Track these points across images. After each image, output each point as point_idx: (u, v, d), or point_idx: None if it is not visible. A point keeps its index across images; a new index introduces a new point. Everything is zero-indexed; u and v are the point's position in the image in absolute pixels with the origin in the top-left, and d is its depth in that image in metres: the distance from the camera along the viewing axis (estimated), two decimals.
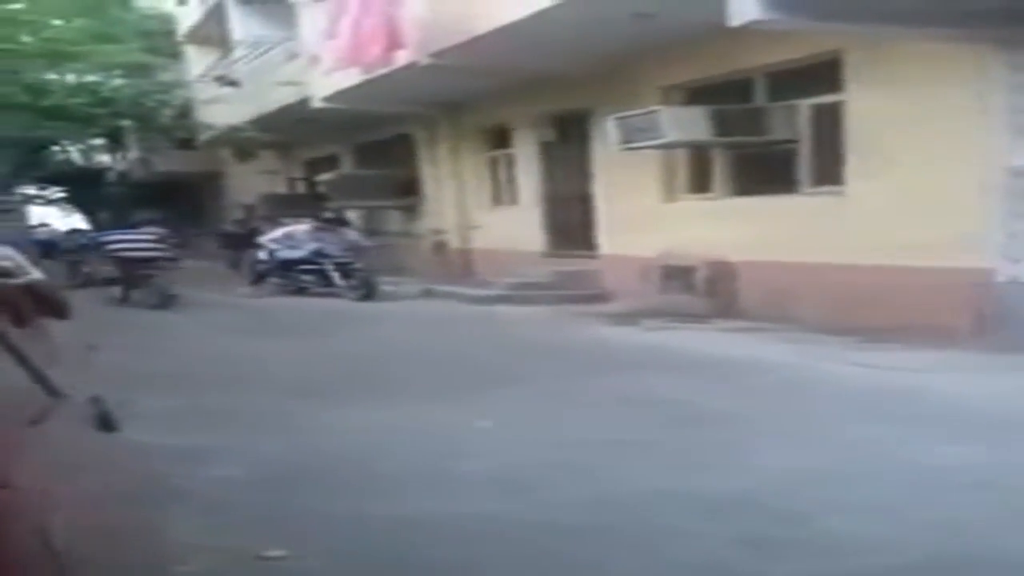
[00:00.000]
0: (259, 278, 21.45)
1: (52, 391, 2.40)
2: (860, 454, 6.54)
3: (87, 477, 2.25)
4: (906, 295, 11.75)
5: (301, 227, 21.62)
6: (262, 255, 21.79)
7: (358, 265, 19.80)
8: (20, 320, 3.19)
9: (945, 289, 11.34)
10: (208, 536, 5.04)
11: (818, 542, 4.88)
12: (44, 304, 3.71)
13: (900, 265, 11.96)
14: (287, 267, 20.87)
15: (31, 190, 46.26)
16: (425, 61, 16.69)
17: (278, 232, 22.03)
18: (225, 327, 15.28)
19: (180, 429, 7.55)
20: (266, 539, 4.91)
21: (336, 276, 19.90)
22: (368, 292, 19.16)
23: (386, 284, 19.77)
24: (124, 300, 19.34)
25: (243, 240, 26.04)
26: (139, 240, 19.68)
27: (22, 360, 2.40)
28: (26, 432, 1.91)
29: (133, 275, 19.25)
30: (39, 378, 2.40)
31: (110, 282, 19.91)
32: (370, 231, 24.25)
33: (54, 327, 3.89)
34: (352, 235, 21.33)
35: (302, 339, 13.74)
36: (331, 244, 20.40)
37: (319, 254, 20.33)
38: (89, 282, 21.28)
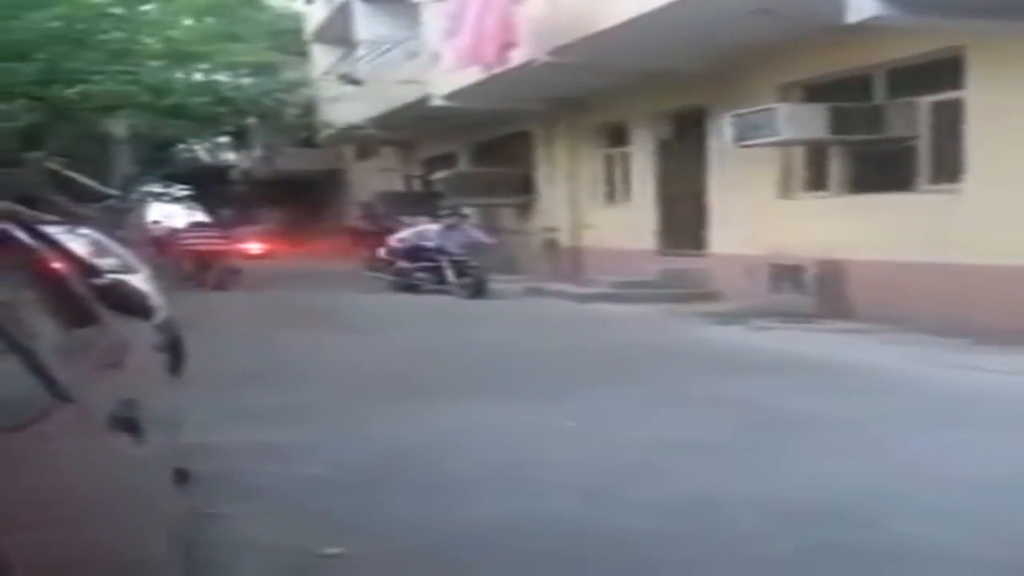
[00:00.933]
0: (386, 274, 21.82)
1: (58, 394, 2.30)
2: (946, 460, 6.44)
3: (78, 480, 2.24)
4: (1022, 297, 11.62)
5: (432, 226, 21.89)
6: (384, 252, 22.16)
7: (474, 263, 19.99)
8: (81, 319, 3.25)
9: None
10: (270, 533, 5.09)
11: (891, 550, 4.82)
12: (124, 304, 3.82)
13: (1018, 266, 11.82)
14: (407, 263, 21.17)
15: (157, 187, 47.29)
16: (544, 58, 16.90)
17: (409, 230, 22.33)
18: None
19: (263, 424, 7.61)
20: (340, 538, 4.88)
21: (450, 273, 20.11)
22: (477, 290, 19.36)
23: (496, 282, 19.93)
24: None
25: (375, 237, 25.65)
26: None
27: (28, 359, 2.31)
28: (12, 437, 1.88)
29: None
30: (45, 379, 2.30)
31: None
32: (486, 228, 24.49)
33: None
34: (476, 233, 21.48)
35: (399, 336, 13.89)
36: (452, 242, 20.60)
37: (440, 251, 20.58)
38: None
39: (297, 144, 36.89)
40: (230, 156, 46.87)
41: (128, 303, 3.90)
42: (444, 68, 20.52)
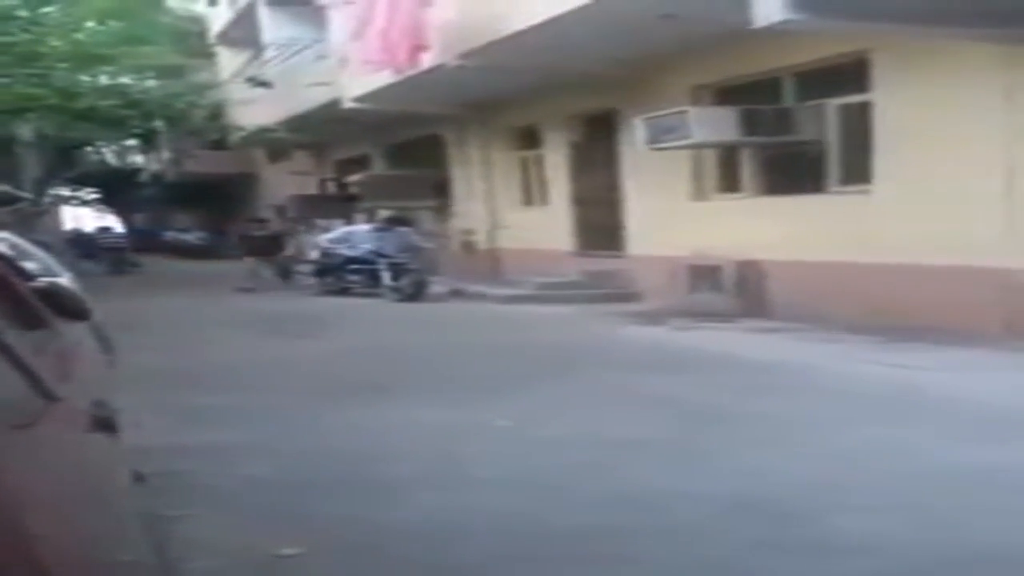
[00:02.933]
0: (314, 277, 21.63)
1: (46, 394, 2.34)
2: (872, 453, 6.58)
3: (77, 479, 2.23)
4: (933, 295, 11.75)
5: (361, 227, 21.71)
6: (314, 254, 21.93)
7: (412, 266, 19.81)
8: (33, 322, 3.24)
9: (972, 289, 11.36)
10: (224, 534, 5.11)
11: (829, 542, 4.90)
12: (62, 306, 3.76)
13: (927, 264, 11.98)
14: (342, 266, 20.91)
15: (65, 191, 46.57)
16: (453, 62, 16.80)
17: (336, 232, 22.11)
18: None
19: (203, 426, 7.66)
20: (292, 538, 4.96)
21: (387, 276, 19.93)
22: (416, 292, 19.23)
23: (429, 285, 19.89)
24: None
25: (270, 243, 25.48)
26: None
27: (15, 361, 2.34)
28: (11, 436, 1.89)
29: None
30: (33, 380, 2.34)
31: None
32: (421, 231, 24.38)
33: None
34: (412, 236, 21.31)
35: (330, 339, 13.78)
36: (389, 244, 20.40)
37: (376, 254, 20.37)
38: None
39: (207, 147, 36.42)
40: (139, 159, 46.23)
41: (66, 305, 3.87)
42: (353, 71, 20.32)
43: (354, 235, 21.47)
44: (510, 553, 4.88)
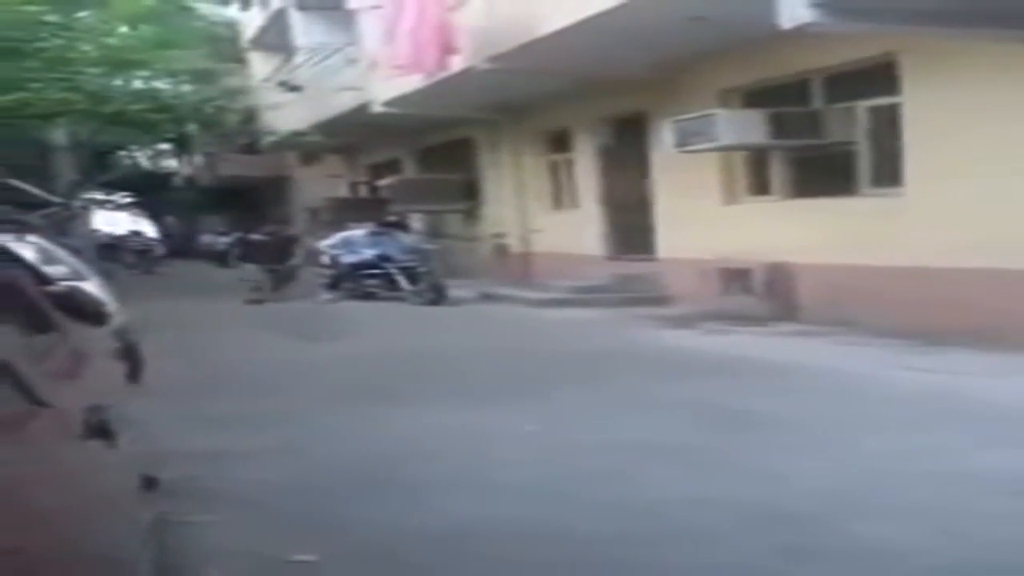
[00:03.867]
0: (329, 285, 21.37)
1: (36, 400, 2.34)
2: (900, 459, 6.52)
3: (69, 486, 2.22)
4: (967, 298, 11.62)
5: (358, 232, 21.68)
6: (324, 260, 21.89)
7: (424, 269, 19.81)
8: (41, 326, 3.25)
9: (1004, 291, 11.25)
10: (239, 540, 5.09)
11: (852, 550, 4.89)
12: (80, 311, 3.77)
13: (960, 267, 11.86)
14: (353, 272, 20.91)
15: (98, 195, 46.85)
16: (483, 65, 16.83)
17: (335, 237, 22.11)
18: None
19: (221, 430, 7.67)
20: (308, 544, 4.95)
21: (402, 280, 19.92)
22: (436, 297, 19.21)
23: (449, 288, 19.85)
24: None
25: (279, 250, 23.70)
26: None
27: (2, 368, 2.33)
28: None
29: None
30: (21, 387, 2.33)
31: None
32: (431, 235, 24.35)
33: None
34: (411, 238, 21.32)
35: (353, 344, 13.73)
36: (391, 248, 20.43)
37: (383, 258, 20.37)
38: None
39: (240, 151, 36.61)
40: (172, 163, 46.50)
41: (83, 309, 3.90)
42: (382, 75, 20.38)
43: (352, 240, 21.43)
44: (530, 559, 4.86)
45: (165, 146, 42.04)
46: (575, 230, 20.70)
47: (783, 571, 4.66)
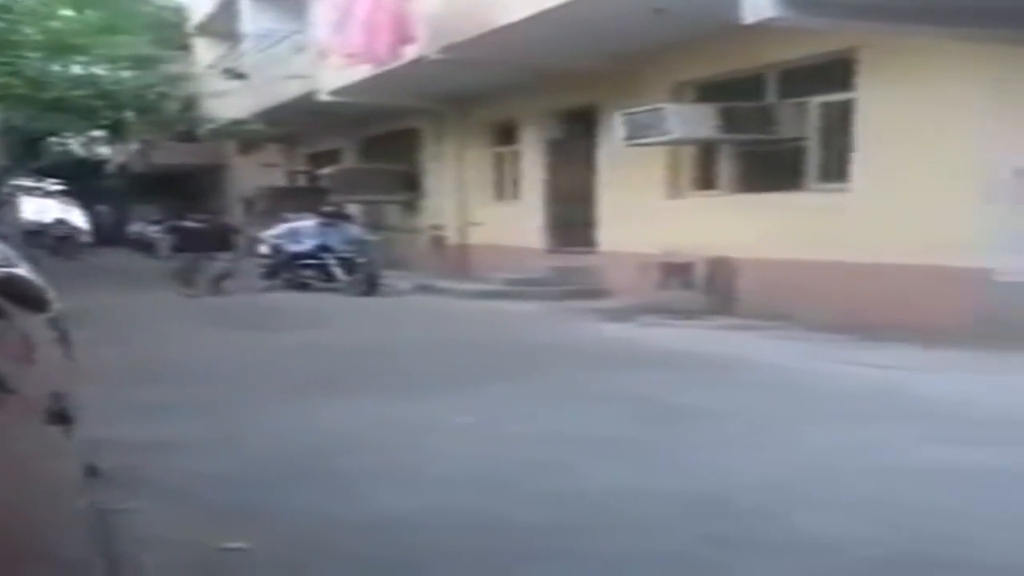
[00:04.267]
0: (266, 275, 21.28)
1: (4, 387, 2.28)
2: (837, 452, 6.63)
3: (25, 471, 2.23)
4: (906, 294, 11.95)
5: (305, 222, 21.61)
6: (264, 250, 21.79)
7: (361, 260, 19.82)
8: None
9: (945, 288, 11.56)
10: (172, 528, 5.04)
11: (787, 540, 4.92)
12: (22, 297, 3.78)
13: (900, 263, 12.15)
14: (291, 262, 20.87)
15: (28, 181, 46.16)
16: (435, 56, 16.89)
17: (281, 227, 21.99)
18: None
19: (157, 420, 7.52)
20: (241, 532, 4.89)
21: (339, 271, 19.92)
22: (369, 287, 19.19)
23: (385, 279, 19.81)
24: None
25: (216, 239, 21.59)
26: None
27: None
28: None
29: None
30: None
31: None
32: (370, 225, 24.35)
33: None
34: (355, 229, 21.30)
35: (287, 334, 13.62)
36: (334, 238, 20.43)
37: (322, 248, 20.35)
38: None
39: (176, 138, 36.25)
40: (105, 150, 45.90)
41: (27, 295, 3.84)
42: (332, 64, 20.38)
43: (299, 230, 21.31)
44: (464, 549, 4.83)
45: (99, 133, 41.43)
46: (517, 223, 20.81)
47: (721, 561, 4.66)
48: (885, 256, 12.39)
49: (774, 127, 14.23)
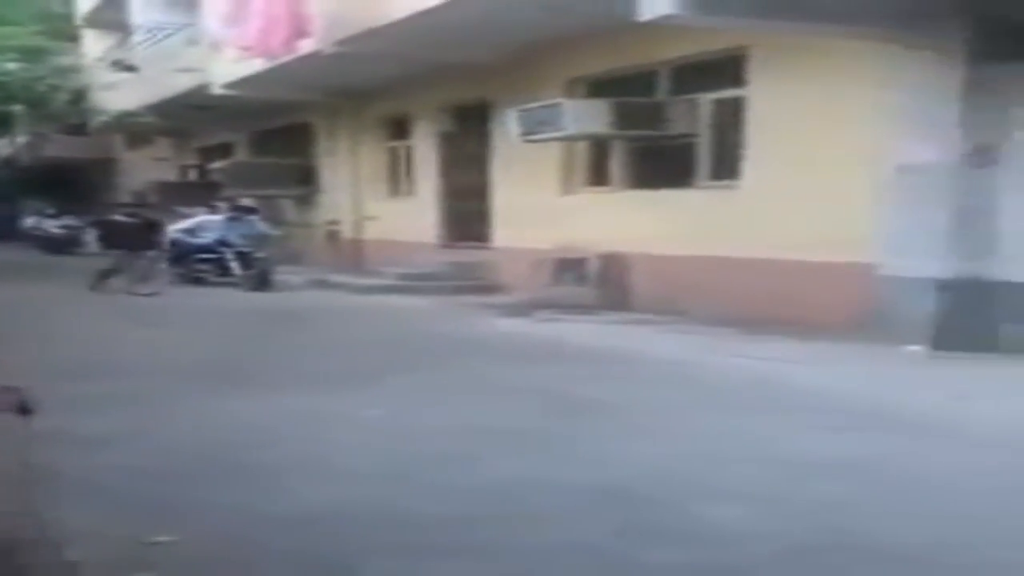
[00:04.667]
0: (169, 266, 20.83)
1: None
2: (731, 443, 6.79)
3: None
4: (794, 289, 12.12)
5: (211, 216, 21.30)
6: (168, 244, 21.42)
7: (259, 255, 19.57)
8: None
9: (831, 283, 11.76)
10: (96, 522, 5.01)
11: (691, 529, 5.04)
12: None
13: (790, 259, 12.31)
14: (189, 256, 20.54)
15: None
16: (330, 49, 16.80)
17: (188, 221, 21.61)
18: None
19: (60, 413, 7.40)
20: (163, 526, 4.92)
21: (235, 266, 19.61)
22: (261, 282, 18.95)
23: (279, 274, 19.61)
24: None
25: (144, 235, 20.53)
26: None
27: None
28: None
29: None
30: None
31: None
32: (266, 220, 24.09)
33: None
34: (260, 224, 21.03)
35: (184, 329, 13.56)
36: (233, 233, 20.12)
37: (221, 243, 20.03)
38: None
39: (65, 131, 35.54)
40: None
41: None
42: (227, 56, 20.16)
43: (204, 224, 21.02)
44: (379, 542, 4.87)
45: None
46: (411, 218, 20.78)
47: (626, 550, 4.75)
48: (774, 252, 12.52)
49: (666, 124, 14.33)
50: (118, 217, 21.54)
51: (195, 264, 20.39)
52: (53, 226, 33.20)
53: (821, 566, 4.60)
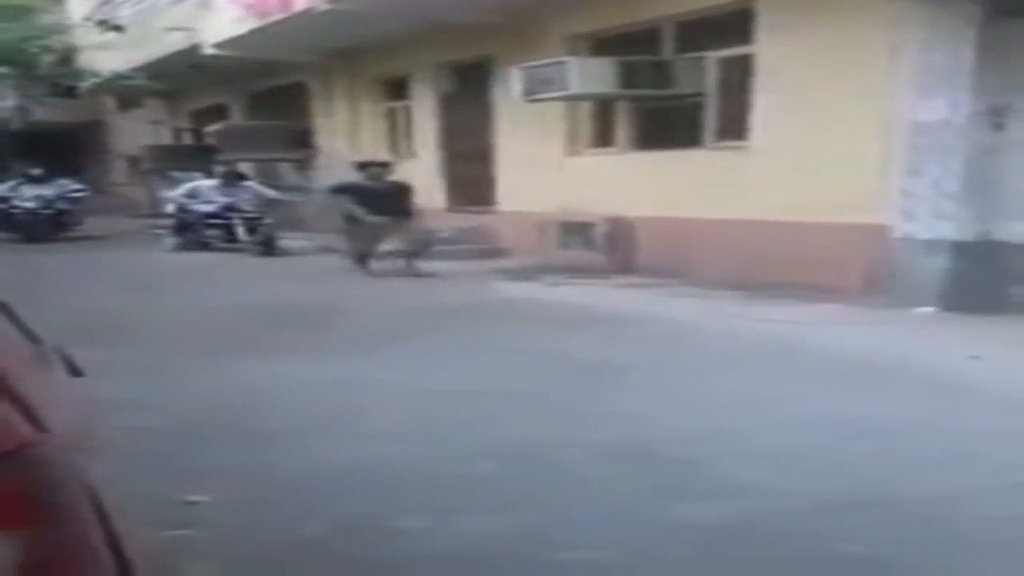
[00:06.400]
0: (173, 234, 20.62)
1: (34, 338, 2.39)
2: (751, 403, 6.81)
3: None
4: (804, 251, 11.84)
5: (207, 182, 21.06)
6: (170, 209, 21.19)
7: (268, 220, 19.32)
8: None
9: (841, 245, 11.48)
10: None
11: (718, 488, 5.07)
12: None
13: (799, 221, 12.04)
14: (198, 222, 20.25)
15: None
16: (324, 6, 16.42)
17: (184, 187, 21.35)
18: None
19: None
20: (196, 486, 4.94)
21: (242, 231, 19.39)
22: (267, 247, 18.71)
23: (284, 239, 19.34)
24: None
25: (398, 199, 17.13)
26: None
27: (1, 307, 2.39)
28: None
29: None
30: (19, 325, 2.39)
31: None
32: (272, 184, 23.79)
33: None
34: (260, 189, 20.74)
35: (197, 295, 13.36)
36: (241, 198, 19.90)
37: (229, 208, 19.79)
38: None
39: (56, 94, 35.10)
40: None
41: None
42: (216, 15, 19.81)
43: (201, 189, 20.76)
44: (409, 500, 4.92)
45: None
46: (412, 181, 20.37)
47: (663, 507, 4.80)
48: (784, 214, 12.25)
49: (672, 82, 13.97)
50: (364, 182, 17.44)
51: (204, 229, 20.05)
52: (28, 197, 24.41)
53: (861, 518, 4.64)
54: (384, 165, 16.84)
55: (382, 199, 16.02)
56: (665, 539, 4.45)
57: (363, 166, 17.15)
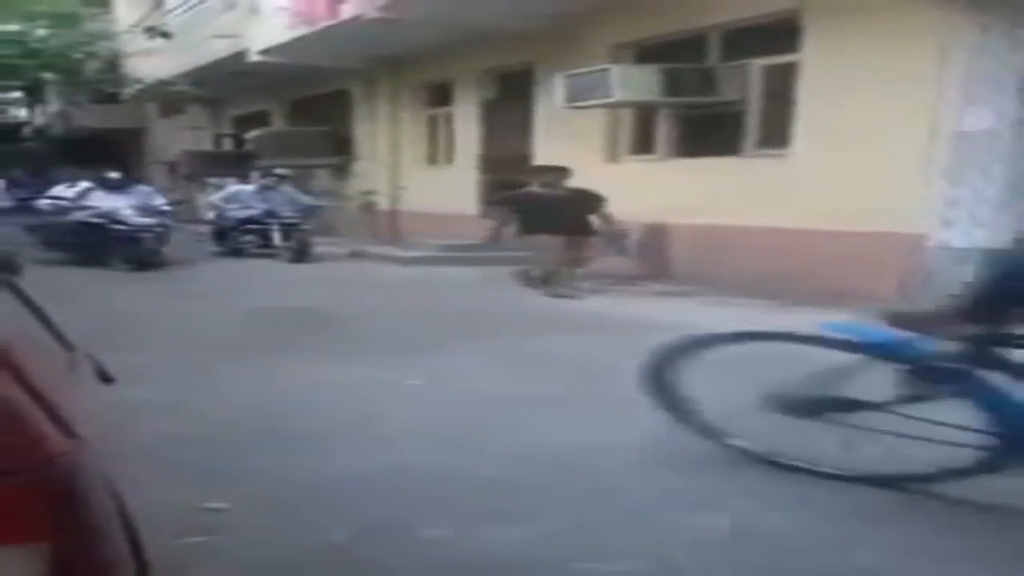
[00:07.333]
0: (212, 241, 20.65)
1: (67, 345, 2.42)
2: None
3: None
4: (839, 260, 11.94)
5: (246, 187, 21.17)
6: (210, 215, 21.32)
7: (304, 226, 19.39)
8: None
9: (877, 254, 11.57)
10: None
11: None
12: None
13: (836, 230, 12.14)
14: (236, 228, 20.27)
15: None
16: (373, 14, 16.61)
17: (223, 192, 21.50)
18: None
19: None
20: (217, 492, 4.91)
21: (277, 237, 19.39)
22: (300, 254, 18.75)
23: (317, 245, 19.39)
24: None
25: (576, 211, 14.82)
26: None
27: (37, 312, 2.44)
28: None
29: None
30: (54, 331, 2.43)
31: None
32: (309, 190, 24.00)
33: None
34: (301, 195, 20.88)
35: (228, 300, 13.34)
36: (279, 203, 19.97)
37: (269, 214, 19.79)
38: None
39: (99, 100, 35.43)
40: (21, 113, 44.91)
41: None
42: (263, 22, 20.04)
43: (241, 195, 20.88)
44: (435, 504, 4.88)
45: (15, 94, 40.43)
46: (450, 187, 20.60)
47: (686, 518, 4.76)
48: (821, 222, 12.35)
49: (716, 90, 14.11)
50: (535, 191, 14.87)
51: (240, 235, 20.15)
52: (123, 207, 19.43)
53: None
54: (560, 171, 14.49)
55: (558, 210, 14.06)
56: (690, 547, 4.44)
57: (535, 171, 15.42)
